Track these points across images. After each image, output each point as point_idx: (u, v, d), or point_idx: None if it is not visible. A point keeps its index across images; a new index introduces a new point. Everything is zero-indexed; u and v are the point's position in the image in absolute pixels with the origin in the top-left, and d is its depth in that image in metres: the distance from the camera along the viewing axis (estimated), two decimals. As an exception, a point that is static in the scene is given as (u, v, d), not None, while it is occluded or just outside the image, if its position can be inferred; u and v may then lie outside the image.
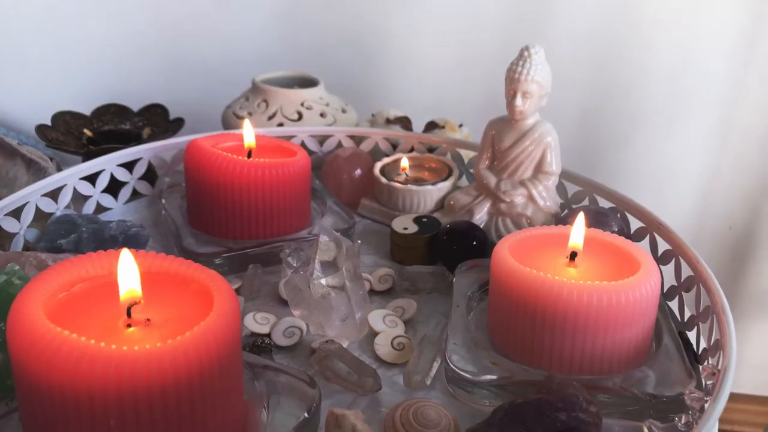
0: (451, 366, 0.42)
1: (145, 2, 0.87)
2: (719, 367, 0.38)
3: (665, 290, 0.51)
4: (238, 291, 0.52)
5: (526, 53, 0.55)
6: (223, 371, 0.33)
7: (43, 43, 0.85)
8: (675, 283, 0.51)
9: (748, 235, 1.02)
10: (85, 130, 0.73)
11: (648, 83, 0.95)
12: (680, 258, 0.50)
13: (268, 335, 0.47)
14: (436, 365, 0.44)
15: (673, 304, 0.51)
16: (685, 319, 0.49)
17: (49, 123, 0.72)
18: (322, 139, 0.71)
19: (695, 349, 0.46)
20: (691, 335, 0.47)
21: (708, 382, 0.39)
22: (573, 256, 0.43)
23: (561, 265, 0.43)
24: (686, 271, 0.50)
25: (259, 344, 0.46)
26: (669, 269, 0.51)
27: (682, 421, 0.38)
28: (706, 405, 0.36)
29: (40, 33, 0.84)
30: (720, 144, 0.99)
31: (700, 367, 0.41)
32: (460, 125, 0.76)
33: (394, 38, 0.93)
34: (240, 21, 0.91)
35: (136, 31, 0.88)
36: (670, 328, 0.45)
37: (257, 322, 0.48)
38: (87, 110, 0.76)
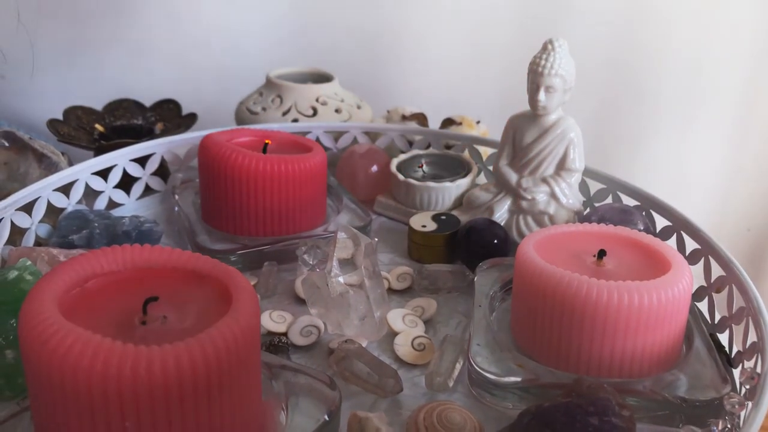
0: (475, 367, 0.40)
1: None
2: (758, 371, 0.36)
3: (693, 291, 0.50)
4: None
5: (549, 46, 0.53)
6: (241, 370, 0.32)
7: (56, 39, 0.84)
8: (704, 284, 0.49)
9: (767, 236, 1.00)
10: (97, 125, 0.72)
11: (665, 83, 0.94)
12: (710, 257, 0.49)
13: (285, 334, 0.46)
14: (458, 366, 0.43)
15: (702, 306, 0.49)
16: (716, 321, 0.47)
17: (60, 118, 0.71)
18: (337, 135, 0.70)
19: (728, 353, 0.44)
20: (723, 338, 0.45)
21: (746, 387, 0.37)
22: (601, 254, 0.42)
23: (589, 264, 0.42)
24: (716, 272, 0.48)
25: (276, 343, 0.45)
26: (697, 269, 0.49)
27: (719, 427, 0.36)
28: (746, 410, 0.35)
29: (54, 28, 0.83)
30: (738, 144, 0.98)
31: (735, 371, 0.39)
32: (477, 122, 0.75)
33: (409, 34, 0.92)
34: (253, 16, 0.90)
35: (149, 26, 0.87)
36: (701, 330, 0.43)
37: (274, 321, 0.47)
38: (99, 105, 0.75)
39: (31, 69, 0.83)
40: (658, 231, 0.55)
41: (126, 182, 0.62)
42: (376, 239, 0.50)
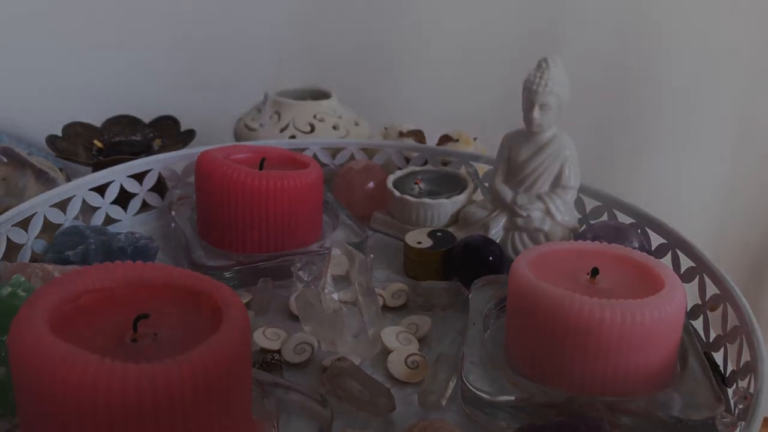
0: (468, 386, 0.40)
1: (157, 14, 0.87)
2: (751, 391, 0.36)
3: (688, 309, 0.50)
4: (248, 305, 0.51)
5: (544, 64, 0.54)
6: (232, 388, 0.31)
7: (54, 54, 0.84)
8: (699, 302, 0.49)
9: (766, 253, 0.99)
10: (96, 141, 0.72)
11: (662, 99, 0.94)
12: (704, 275, 0.49)
13: (279, 351, 0.46)
14: (452, 385, 0.42)
15: (697, 324, 0.49)
16: (711, 340, 0.47)
17: (60, 134, 0.72)
18: (334, 152, 0.70)
19: (722, 371, 0.44)
20: (718, 356, 0.45)
21: (739, 406, 0.37)
22: (594, 272, 0.42)
23: (582, 282, 0.42)
24: (710, 290, 0.48)
25: (269, 361, 0.44)
26: (692, 287, 0.49)
27: (712, 448, 0.36)
28: (738, 430, 0.35)
29: (52, 43, 0.84)
30: (736, 161, 0.98)
31: (729, 390, 0.39)
32: (474, 138, 0.75)
33: (407, 52, 0.92)
34: (252, 33, 0.91)
35: (148, 42, 0.88)
36: (695, 348, 0.43)
37: (267, 338, 0.47)
38: (98, 121, 0.75)
39: (30, 84, 0.84)
40: (653, 248, 0.55)
41: (123, 198, 0.62)
42: (371, 256, 0.50)
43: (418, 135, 0.75)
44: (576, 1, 0.91)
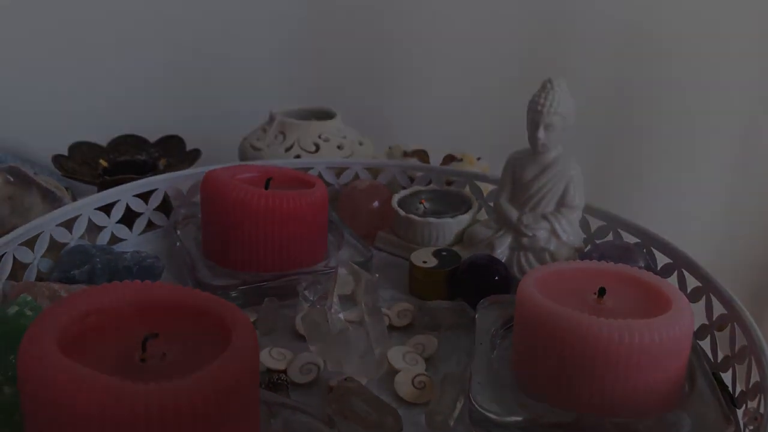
0: (476, 406, 0.40)
1: (163, 35, 0.88)
2: (761, 411, 0.36)
3: (695, 329, 0.49)
4: (253, 325, 0.51)
5: (548, 85, 0.54)
6: (240, 408, 0.31)
7: (61, 75, 0.85)
8: (706, 322, 0.49)
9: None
10: (101, 161, 0.73)
11: (665, 120, 0.94)
12: (711, 295, 0.49)
13: (285, 371, 0.46)
14: (459, 405, 0.42)
15: (705, 344, 0.49)
16: (719, 360, 0.47)
17: (66, 153, 0.72)
18: (339, 171, 0.71)
19: (731, 392, 0.44)
20: (726, 377, 0.45)
21: (749, 427, 0.37)
22: (602, 292, 0.42)
23: (589, 302, 0.42)
24: (717, 309, 0.48)
25: (276, 381, 0.44)
26: (698, 307, 0.49)
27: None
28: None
29: (59, 64, 0.85)
30: (740, 180, 0.98)
31: (738, 411, 0.39)
32: (478, 158, 0.75)
33: (411, 72, 0.93)
34: (257, 54, 0.92)
35: (154, 63, 0.89)
36: (703, 369, 0.43)
37: (273, 358, 0.47)
38: (104, 141, 0.76)
39: (37, 105, 0.84)
40: (659, 268, 0.55)
41: (129, 217, 0.62)
42: (377, 275, 0.50)
43: (422, 155, 0.75)
44: (579, 22, 0.92)
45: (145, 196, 0.63)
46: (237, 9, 0.90)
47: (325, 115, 0.78)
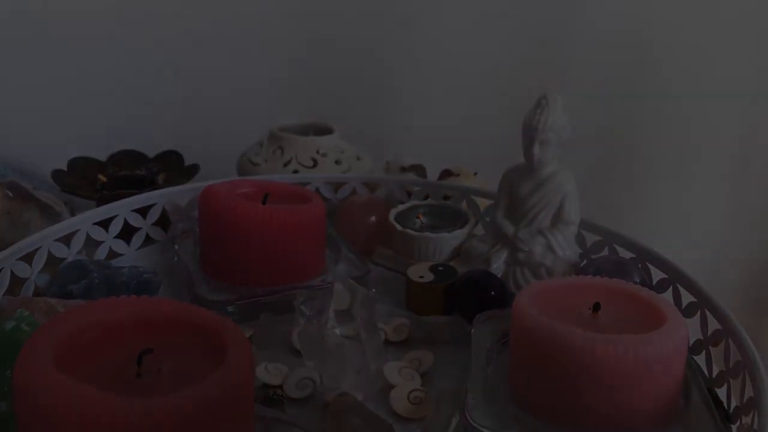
0: (471, 422, 0.40)
1: (162, 50, 0.89)
2: (755, 427, 0.36)
3: (690, 344, 0.49)
4: (249, 340, 0.51)
5: (543, 101, 0.54)
6: (235, 424, 0.31)
7: (60, 89, 0.86)
8: (701, 337, 0.49)
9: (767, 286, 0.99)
10: (100, 176, 0.73)
11: (661, 133, 0.95)
12: (706, 311, 0.49)
13: (281, 387, 0.46)
14: (455, 421, 0.42)
15: (700, 359, 0.49)
16: (714, 375, 0.47)
17: (64, 168, 0.72)
18: (337, 186, 0.71)
19: (726, 407, 0.44)
20: (721, 392, 0.45)
21: (744, 443, 0.37)
22: (596, 307, 0.42)
23: (584, 317, 0.42)
24: (712, 325, 0.48)
25: (271, 396, 0.44)
26: (693, 322, 0.49)
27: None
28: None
29: (57, 79, 0.86)
30: (737, 192, 0.98)
31: (733, 426, 0.39)
32: (475, 173, 0.76)
33: (408, 87, 0.94)
34: (255, 69, 0.92)
35: (153, 78, 0.89)
36: (698, 384, 0.43)
37: (269, 373, 0.47)
38: (103, 156, 0.76)
39: (36, 119, 0.85)
40: (654, 283, 0.55)
41: (127, 232, 0.62)
42: (374, 290, 0.50)
43: (420, 170, 0.76)
44: (575, 35, 0.93)
45: (143, 211, 0.63)
46: (236, 25, 0.91)
47: (323, 130, 0.78)
